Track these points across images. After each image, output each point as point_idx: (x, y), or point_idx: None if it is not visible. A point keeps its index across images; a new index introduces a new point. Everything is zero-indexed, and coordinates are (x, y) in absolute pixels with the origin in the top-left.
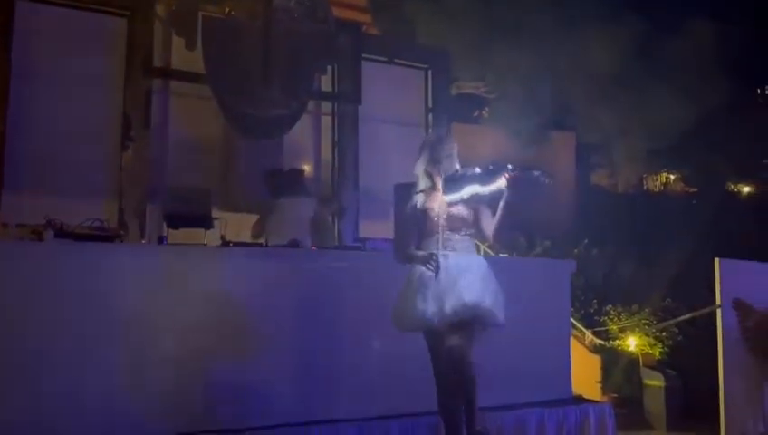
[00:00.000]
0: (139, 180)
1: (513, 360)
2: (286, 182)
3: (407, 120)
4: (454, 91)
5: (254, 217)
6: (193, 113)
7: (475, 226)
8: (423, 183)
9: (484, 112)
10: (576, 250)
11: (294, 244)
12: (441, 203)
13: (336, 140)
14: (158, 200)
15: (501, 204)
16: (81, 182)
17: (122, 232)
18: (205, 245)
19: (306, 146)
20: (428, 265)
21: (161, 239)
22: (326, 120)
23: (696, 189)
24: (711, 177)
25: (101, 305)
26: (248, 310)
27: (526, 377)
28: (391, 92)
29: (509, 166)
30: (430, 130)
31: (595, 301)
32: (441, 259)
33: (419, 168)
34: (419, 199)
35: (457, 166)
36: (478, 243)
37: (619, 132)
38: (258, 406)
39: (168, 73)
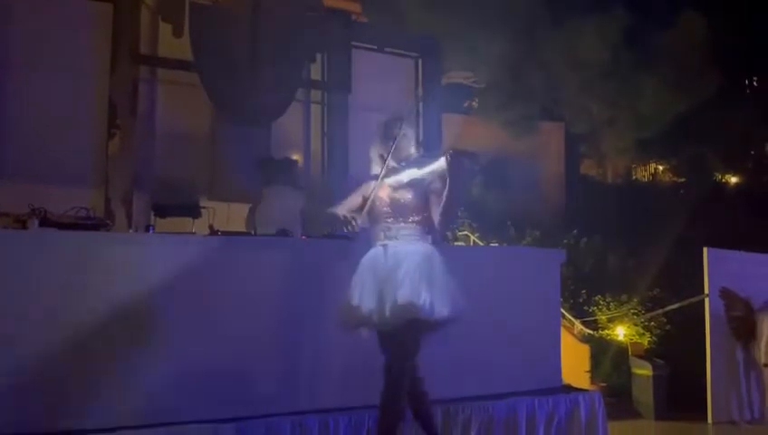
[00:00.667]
0: (126, 169)
1: (504, 349)
2: (279, 171)
3: (397, 109)
4: (443, 81)
5: (241, 207)
6: (180, 101)
7: (422, 213)
8: (377, 167)
9: (473, 103)
10: (565, 240)
11: (284, 233)
12: (386, 190)
13: (325, 129)
14: (144, 189)
15: (446, 189)
16: (66, 171)
17: (108, 221)
18: (193, 233)
19: (295, 135)
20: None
21: (148, 228)
22: (316, 109)
23: (684, 180)
24: (699, 167)
25: (89, 296)
26: (237, 299)
27: (516, 366)
28: (381, 81)
29: (450, 150)
30: (420, 120)
31: (584, 291)
32: (380, 249)
33: (373, 150)
34: (366, 189)
35: (412, 150)
36: (468, 234)
37: (607, 122)
38: (249, 395)
39: (154, 61)
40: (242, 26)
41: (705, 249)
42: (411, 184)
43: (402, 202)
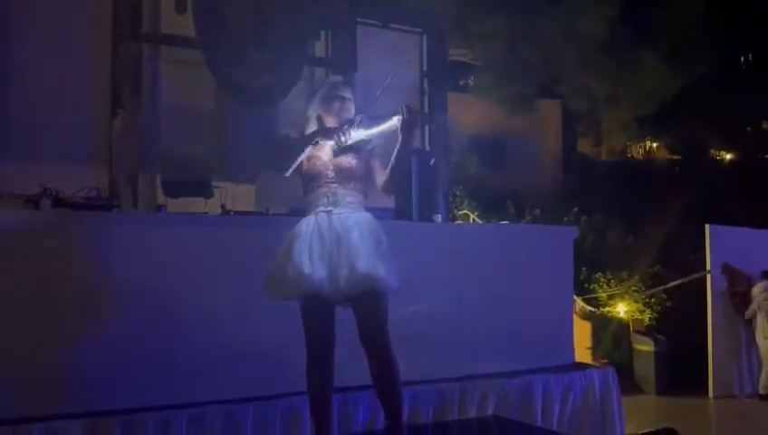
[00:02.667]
0: (131, 149)
1: (518, 326)
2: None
3: (402, 85)
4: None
5: (248, 188)
6: (185, 80)
7: (364, 179)
8: (312, 127)
9: (469, 81)
10: (565, 218)
11: (297, 212)
12: (329, 153)
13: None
14: (150, 169)
15: (396, 149)
16: (69, 151)
17: (117, 202)
18: (206, 214)
19: (302, 114)
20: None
21: (160, 209)
22: None
23: (679, 157)
24: (694, 144)
25: (106, 278)
26: (253, 280)
27: (530, 344)
28: (386, 58)
29: (404, 106)
30: (426, 97)
31: (584, 268)
32: (323, 216)
33: (312, 110)
34: (307, 148)
35: (352, 114)
36: (468, 212)
37: (608, 99)
38: (274, 375)
39: (157, 38)
40: (245, 3)
41: (706, 226)
42: (355, 148)
43: (347, 167)
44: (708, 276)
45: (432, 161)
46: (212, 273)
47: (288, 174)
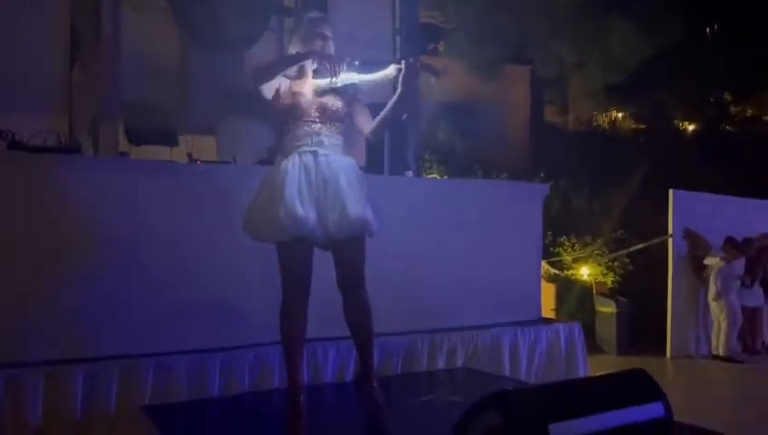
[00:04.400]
0: (91, 97)
1: (486, 281)
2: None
3: (373, 42)
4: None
5: (213, 138)
6: (148, 27)
7: (344, 124)
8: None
9: (439, 46)
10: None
11: (264, 162)
12: (310, 90)
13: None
14: (111, 117)
15: (392, 100)
16: (28, 99)
17: (77, 149)
18: (172, 162)
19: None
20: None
21: (123, 156)
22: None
23: (644, 126)
24: (659, 114)
25: (62, 223)
26: (220, 229)
27: (498, 298)
28: (357, 10)
29: (410, 58)
30: (398, 54)
31: (550, 233)
32: (309, 157)
33: (292, 47)
34: (284, 83)
35: (332, 52)
36: (437, 176)
37: (574, 66)
38: (234, 326)
39: None
40: None
41: (670, 191)
42: (341, 91)
43: (332, 108)
44: (670, 240)
45: (404, 116)
46: (177, 222)
47: (261, 84)
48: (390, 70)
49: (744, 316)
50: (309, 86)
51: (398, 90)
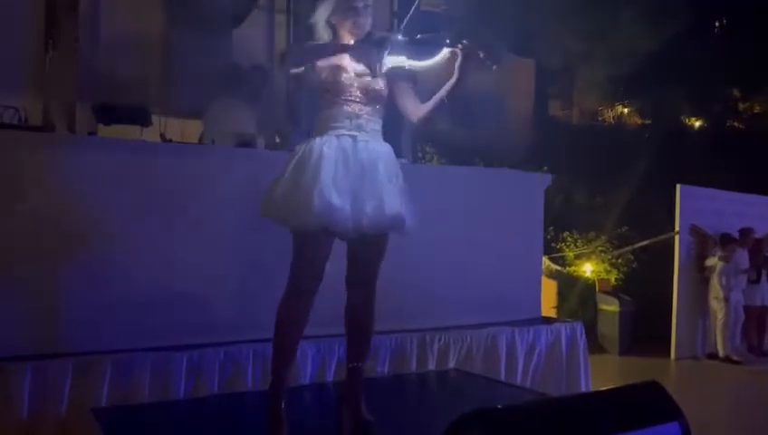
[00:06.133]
0: (67, 77)
1: (482, 276)
2: (248, 81)
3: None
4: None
5: (197, 123)
6: (128, 1)
7: (385, 103)
8: (324, 37)
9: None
10: None
11: (245, 144)
12: (351, 66)
13: (291, 39)
14: (88, 99)
15: (447, 85)
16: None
17: (45, 127)
18: (140, 141)
19: (257, 45)
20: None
21: (91, 135)
22: (280, 18)
23: (649, 122)
24: (665, 109)
25: (19, 208)
26: (192, 216)
27: (495, 295)
28: None
29: (464, 41)
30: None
31: (552, 228)
32: (348, 141)
33: (321, 15)
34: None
35: (368, 27)
36: None
37: (580, 56)
38: (206, 321)
39: None
40: None
41: (677, 186)
42: (386, 72)
43: (376, 89)
44: (677, 237)
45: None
46: (142, 208)
47: (296, 71)
48: (444, 54)
49: (751, 315)
50: (348, 63)
51: (455, 76)
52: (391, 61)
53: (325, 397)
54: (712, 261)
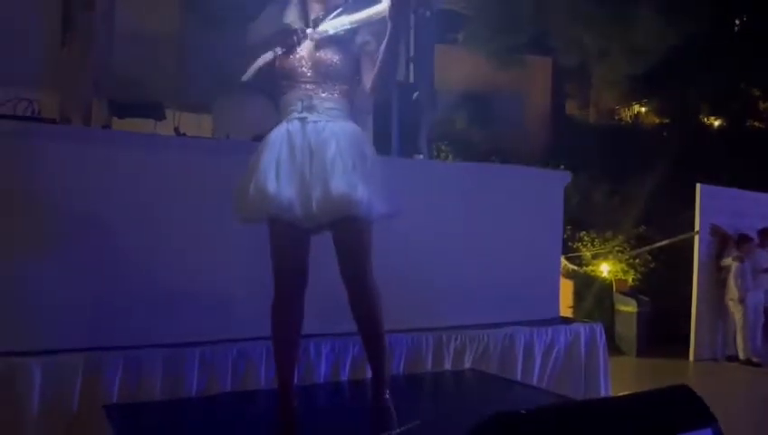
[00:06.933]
0: (83, 72)
1: (499, 274)
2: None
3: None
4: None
5: (209, 117)
6: (143, 2)
7: (349, 82)
8: (292, 11)
9: (458, 36)
10: None
11: (258, 137)
12: (308, 45)
13: None
14: (104, 94)
15: (384, 43)
16: (15, 72)
17: (57, 121)
18: (155, 134)
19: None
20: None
21: (105, 128)
22: None
23: (668, 121)
24: (684, 107)
25: (29, 201)
26: (207, 212)
27: (513, 294)
28: None
29: None
30: (412, 31)
31: (569, 227)
32: (296, 124)
33: None
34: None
35: None
36: None
37: (597, 54)
38: (219, 318)
39: None
40: None
41: (697, 185)
42: (338, 41)
43: (327, 65)
44: (696, 237)
45: (415, 95)
46: (154, 201)
47: (246, 78)
48: (383, 5)
49: None
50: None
51: (389, 27)
52: (335, 24)
53: (339, 396)
54: (727, 261)
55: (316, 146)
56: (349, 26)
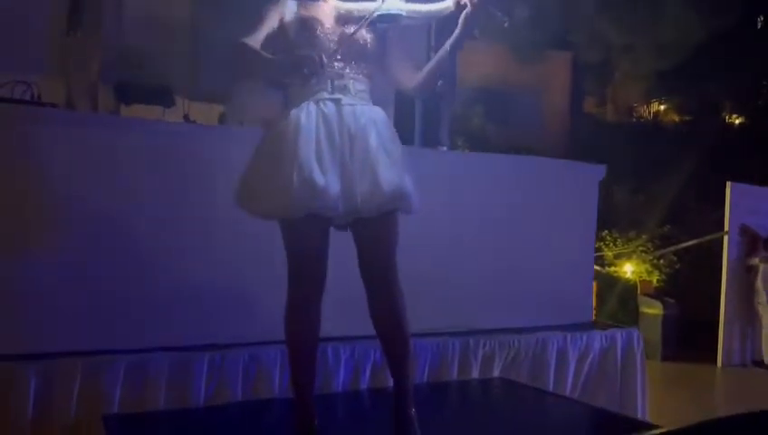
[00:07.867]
0: (90, 59)
1: (530, 276)
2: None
3: None
4: None
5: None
6: None
7: (374, 66)
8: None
9: (476, 30)
10: None
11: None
12: (330, 17)
13: None
14: (111, 81)
15: (449, 41)
16: (19, 57)
17: (58, 105)
18: (166, 121)
19: None
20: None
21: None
22: None
23: (689, 118)
24: (705, 106)
25: (30, 188)
26: (221, 205)
27: (544, 296)
28: None
29: None
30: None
31: None
32: (331, 107)
33: None
34: (289, 7)
35: None
36: None
37: (622, 49)
38: (232, 320)
39: None
40: None
41: (727, 184)
42: (373, 22)
43: (361, 43)
44: (725, 238)
45: (439, 83)
46: (170, 195)
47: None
48: (448, 4)
49: None
50: (326, 11)
51: (459, 29)
52: (386, 6)
53: (359, 406)
54: (754, 262)
55: (356, 132)
56: (402, 13)
